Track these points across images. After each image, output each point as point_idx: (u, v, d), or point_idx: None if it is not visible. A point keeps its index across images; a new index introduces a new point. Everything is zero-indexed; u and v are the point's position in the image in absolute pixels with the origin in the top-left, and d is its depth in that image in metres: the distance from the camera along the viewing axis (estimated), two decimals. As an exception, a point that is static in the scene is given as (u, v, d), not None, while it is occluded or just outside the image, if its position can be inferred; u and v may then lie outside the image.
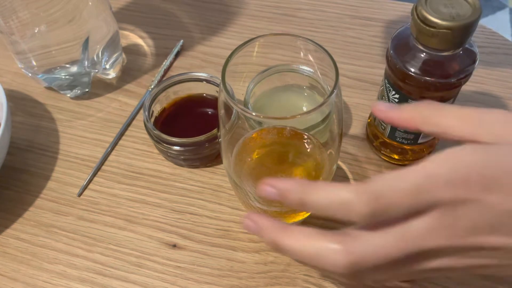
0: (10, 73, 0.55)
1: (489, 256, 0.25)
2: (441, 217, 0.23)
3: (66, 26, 0.46)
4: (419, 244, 0.24)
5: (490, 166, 0.23)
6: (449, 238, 0.24)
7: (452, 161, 0.23)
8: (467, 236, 0.23)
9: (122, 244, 0.41)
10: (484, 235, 0.23)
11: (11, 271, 0.40)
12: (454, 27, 0.32)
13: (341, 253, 0.24)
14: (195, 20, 0.60)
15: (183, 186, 0.45)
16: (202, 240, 0.41)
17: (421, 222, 0.24)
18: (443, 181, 0.23)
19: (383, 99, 0.41)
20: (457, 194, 0.23)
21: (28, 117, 0.51)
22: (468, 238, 0.23)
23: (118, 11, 0.61)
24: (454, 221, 0.23)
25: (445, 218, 0.23)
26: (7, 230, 0.43)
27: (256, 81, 0.43)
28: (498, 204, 0.23)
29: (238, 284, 0.39)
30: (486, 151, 0.23)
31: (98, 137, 0.49)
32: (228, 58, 0.32)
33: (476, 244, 0.24)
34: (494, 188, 0.23)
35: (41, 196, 0.45)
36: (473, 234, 0.23)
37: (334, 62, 0.31)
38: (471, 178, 0.23)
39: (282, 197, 0.25)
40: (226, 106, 0.31)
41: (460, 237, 0.23)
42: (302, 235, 0.25)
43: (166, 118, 0.47)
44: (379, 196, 0.23)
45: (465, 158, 0.23)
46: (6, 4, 0.42)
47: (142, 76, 0.54)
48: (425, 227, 0.24)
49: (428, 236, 0.24)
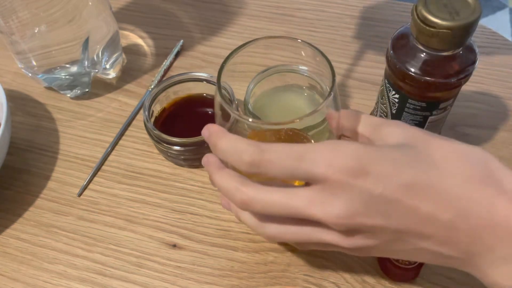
0: (10, 73, 0.55)
1: (370, 237, 0.28)
2: (320, 191, 0.27)
3: (66, 26, 0.46)
4: (301, 209, 0.27)
5: (363, 157, 0.26)
6: (326, 213, 0.27)
7: (335, 147, 0.27)
8: (343, 215, 0.27)
9: (122, 244, 0.41)
10: (359, 216, 0.27)
11: (11, 271, 0.40)
12: (454, 27, 0.32)
13: (238, 192, 0.28)
14: (195, 20, 0.60)
15: (183, 186, 0.45)
16: (202, 240, 0.41)
17: (305, 190, 0.27)
18: (323, 160, 0.26)
19: (383, 99, 0.41)
20: (333, 175, 0.26)
21: (28, 117, 0.51)
22: (345, 218, 0.27)
23: (118, 11, 0.61)
24: (330, 198, 0.27)
25: (323, 194, 0.27)
26: (7, 230, 0.43)
27: (256, 81, 0.43)
28: (367, 189, 0.26)
29: (238, 284, 0.39)
30: (364, 147, 0.27)
31: (98, 137, 0.49)
32: (222, 63, 0.32)
33: (354, 224, 0.27)
34: (363, 175, 0.26)
35: (41, 196, 0.45)
36: (349, 215, 0.26)
37: (331, 65, 0.31)
38: (346, 164, 0.26)
39: (207, 138, 0.30)
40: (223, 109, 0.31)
41: (337, 215, 0.27)
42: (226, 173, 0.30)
43: (166, 118, 0.47)
44: (264, 151, 0.27)
45: (346, 148, 0.27)
46: (6, 4, 0.42)
47: (142, 76, 0.54)
48: (307, 195, 0.27)
49: (309, 205, 0.27)
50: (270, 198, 0.28)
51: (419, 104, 0.38)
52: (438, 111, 0.39)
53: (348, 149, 0.27)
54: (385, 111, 0.41)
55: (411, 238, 0.27)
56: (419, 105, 0.38)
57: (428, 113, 0.39)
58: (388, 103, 0.40)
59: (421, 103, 0.38)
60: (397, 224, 0.27)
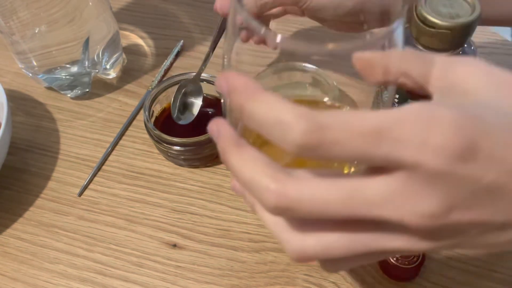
0: (11, 73, 0.55)
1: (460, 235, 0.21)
2: (405, 182, 0.19)
3: (66, 26, 0.46)
4: (373, 210, 0.19)
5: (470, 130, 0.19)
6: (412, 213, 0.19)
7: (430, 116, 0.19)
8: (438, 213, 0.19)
9: (123, 244, 0.41)
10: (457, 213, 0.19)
11: (11, 271, 0.40)
12: (454, 27, 0.32)
13: (272, 193, 0.20)
14: (195, 20, 0.60)
15: (183, 186, 0.45)
16: (203, 240, 0.41)
17: (381, 182, 0.19)
18: (415, 137, 0.18)
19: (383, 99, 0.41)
20: (431, 160, 0.18)
21: (29, 117, 0.51)
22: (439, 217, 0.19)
23: (118, 11, 0.61)
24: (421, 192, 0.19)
25: (409, 185, 0.19)
26: (8, 230, 0.43)
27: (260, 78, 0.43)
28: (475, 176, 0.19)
29: (238, 284, 0.39)
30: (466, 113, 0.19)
31: (98, 137, 0.49)
32: None
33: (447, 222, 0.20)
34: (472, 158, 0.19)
35: (42, 196, 0.45)
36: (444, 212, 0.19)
37: None
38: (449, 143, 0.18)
39: (228, 95, 0.21)
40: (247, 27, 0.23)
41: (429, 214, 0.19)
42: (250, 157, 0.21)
43: (167, 118, 0.47)
44: (324, 127, 0.18)
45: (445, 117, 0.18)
46: (6, 4, 0.43)
47: (143, 76, 0.54)
48: (384, 189, 0.19)
49: (387, 202, 0.19)
50: (324, 196, 0.20)
51: (419, 104, 0.38)
52: (438, 111, 0.39)
53: (448, 118, 0.18)
54: (385, 111, 0.41)
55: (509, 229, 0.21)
56: (419, 105, 0.38)
57: (428, 113, 0.39)
58: (388, 103, 0.40)
59: (421, 103, 0.38)
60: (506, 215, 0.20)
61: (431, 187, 0.19)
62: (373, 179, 0.19)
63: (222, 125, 0.23)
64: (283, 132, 0.19)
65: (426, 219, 0.19)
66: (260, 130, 0.20)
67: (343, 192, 0.19)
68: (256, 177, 0.20)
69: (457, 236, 0.21)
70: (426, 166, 0.18)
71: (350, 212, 0.19)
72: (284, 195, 0.20)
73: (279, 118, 0.19)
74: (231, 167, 0.22)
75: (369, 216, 0.19)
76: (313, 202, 0.20)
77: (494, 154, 0.19)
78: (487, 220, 0.20)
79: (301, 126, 0.18)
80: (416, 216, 0.19)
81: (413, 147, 0.18)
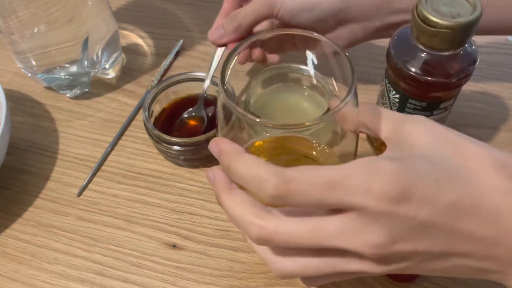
0: (10, 73, 0.55)
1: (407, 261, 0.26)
2: (355, 219, 0.24)
3: (65, 26, 0.46)
4: (333, 240, 0.25)
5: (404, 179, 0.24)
6: (364, 243, 0.24)
7: (372, 169, 0.24)
8: (384, 244, 0.24)
9: (122, 245, 0.41)
10: (400, 244, 0.25)
11: (10, 271, 0.40)
12: (455, 27, 0.32)
13: (254, 226, 0.25)
14: (195, 20, 0.60)
15: (183, 186, 0.45)
16: (202, 241, 0.41)
17: (337, 219, 0.25)
18: (360, 186, 0.23)
19: (384, 99, 0.41)
20: (372, 203, 0.23)
21: (28, 117, 0.51)
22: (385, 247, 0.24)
23: (118, 10, 0.61)
24: (368, 227, 0.24)
25: (359, 222, 0.24)
26: (7, 230, 0.43)
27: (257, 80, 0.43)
28: (410, 215, 0.24)
29: (238, 285, 0.39)
30: (403, 165, 0.24)
31: (97, 137, 0.49)
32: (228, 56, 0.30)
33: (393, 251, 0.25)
34: (406, 200, 0.24)
35: (41, 196, 0.45)
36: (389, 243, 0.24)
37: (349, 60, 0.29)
38: (387, 189, 0.23)
39: (218, 157, 0.27)
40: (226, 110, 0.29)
41: (376, 245, 0.24)
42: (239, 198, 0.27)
43: (166, 118, 0.47)
44: (290, 181, 0.24)
45: (385, 170, 0.24)
46: (5, 4, 0.42)
47: (142, 76, 0.54)
48: (339, 226, 0.24)
49: (342, 235, 0.24)
50: (294, 230, 0.25)
51: (420, 104, 0.38)
52: (439, 111, 0.39)
53: (386, 170, 0.24)
54: (385, 111, 0.41)
55: (453, 257, 0.26)
56: (419, 105, 0.38)
57: (429, 113, 0.39)
58: (389, 103, 0.40)
59: (421, 103, 0.38)
60: (441, 246, 0.25)
61: (377, 224, 0.24)
62: (333, 217, 0.25)
63: (216, 171, 0.28)
64: (259, 186, 0.24)
65: (374, 249, 0.24)
66: (242, 183, 0.26)
67: (309, 227, 0.25)
68: (243, 214, 0.26)
69: (404, 261, 0.26)
70: (370, 208, 0.23)
71: (317, 242, 0.25)
72: (264, 228, 0.25)
73: (256, 175, 0.24)
74: (224, 206, 0.27)
75: (331, 246, 0.25)
76: (287, 234, 0.25)
77: (425, 197, 0.24)
78: (425, 250, 0.25)
79: (272, 182, 0.24)
80: (366, 246, 0.24)
81: (359, 193, 0.23)
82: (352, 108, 0.28)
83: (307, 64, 0.41)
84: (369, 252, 0.25)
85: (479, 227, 0.25)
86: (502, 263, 0.26)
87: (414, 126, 0.28)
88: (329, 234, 0.25)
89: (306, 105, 0.44)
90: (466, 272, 0.27)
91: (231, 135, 0.31)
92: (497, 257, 0.26)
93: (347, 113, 0.28)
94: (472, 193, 0.25)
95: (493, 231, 0.25)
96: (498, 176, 0.25)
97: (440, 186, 0.24)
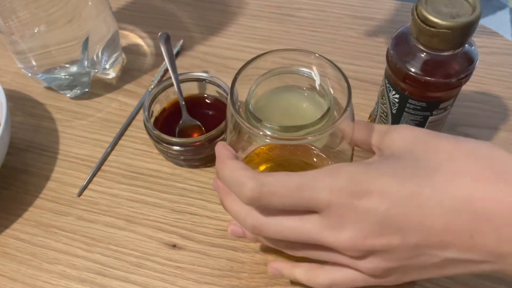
0: (10, 73, 0.55)
1: (388, 257, 0.27)
2: (327, 217, 0.27)
3: (65, 26, 0.46)
4: (313, 234, 0.27)
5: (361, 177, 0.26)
6: (337, 239, 0.27)
7: (332, 172, 0.27)
8: (355, 239, 0.26)
9: (122, 244, 0.41)
10: (372, 238, 0.26)
11: (10, 271, 0.40)
12: (454, 27, 0.32)
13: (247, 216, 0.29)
14: (195, 20, 0.60)
15: (183, 186, 0.45)
16: (202, 240, 0.41)
17: (315, 216, 0.27)
18: (323, 186, 0.26)
19: (383, 99, 0.41)
20: (335, 199, 0.26)
21: (28, 117, 0.51)
22: (357, 241, 0.26)
23: (118, 11, 0.61)
24: (339, 223, 0.27)
25: (330, 219, 0.27)
26: (7, 230, 0.43)
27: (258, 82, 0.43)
28: (372, 208, 0.26)
29: (238, 284, 0.39)
30: (361, 166, 0.27)
31: (97, 137, 0.49)
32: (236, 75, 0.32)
33: (367, 246, 0.26)
34: (366, 195, 0.26)
35: (41, 196, 0.45)
36: (360, 237, 0.26)
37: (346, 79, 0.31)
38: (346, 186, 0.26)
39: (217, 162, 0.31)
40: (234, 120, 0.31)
41: (348, 240, 0.26)
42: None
43: (166, 118, 0.47)
44: (264, 184, 0.27)
45: (342, 171, 0.27)
46: (6, 4, 0.42)
47: (142, 76, 0.54)
48: (317, 221, 0.27)
49: (321, 230, 0.27)
50: (282, 223, 0.28)
51: (420, 104, 0.38)
52: (438, 111, 0.39)
53: (344, 171, 0.27)
54: (385, 111, 0.41)
55: (433, 250, 0.26)
56: (419, 105, 0.38)
57: (428, 113, 0.39)
58: (388, 103, 0.40)
59: (421, 103, 0.38)
60: (413, 238, 0.26)
61: (345, 221, 0.26)
62: (313, 214, 0.28)
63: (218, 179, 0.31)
64: (239, 189, 0.28)
65: (349, 244, 0.27)
66: (227, 186, 0.29)
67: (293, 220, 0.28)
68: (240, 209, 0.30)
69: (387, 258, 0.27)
70: (334, 203, 0.26)
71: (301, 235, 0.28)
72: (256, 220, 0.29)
73: (237, 179, 0.28)
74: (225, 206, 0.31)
75: (314, 240, 0.28)
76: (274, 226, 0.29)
77: (384, 191, 0.26)
78: (401, 244, 0.26)
79: (249, 185, 0.27)
80: (342, 241, 0.27)
81: (324, 192, 0.26)
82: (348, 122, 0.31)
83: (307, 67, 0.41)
84: (345, 248, 0.27)
85: (449, 216, 0.25)
86: (489, 251, 0.25)
87: (396, 134, 0.30)
88: (311, 229, 0.27)
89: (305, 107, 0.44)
90: (459, 268, 0.27)
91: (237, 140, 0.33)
92: (480, 246, 0.25)
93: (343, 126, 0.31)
94: (435, 183, 0.26)
95: (466, 218, 0.25)
96: (467, 163, 0.26)
97: (400, 180, 0.26)
